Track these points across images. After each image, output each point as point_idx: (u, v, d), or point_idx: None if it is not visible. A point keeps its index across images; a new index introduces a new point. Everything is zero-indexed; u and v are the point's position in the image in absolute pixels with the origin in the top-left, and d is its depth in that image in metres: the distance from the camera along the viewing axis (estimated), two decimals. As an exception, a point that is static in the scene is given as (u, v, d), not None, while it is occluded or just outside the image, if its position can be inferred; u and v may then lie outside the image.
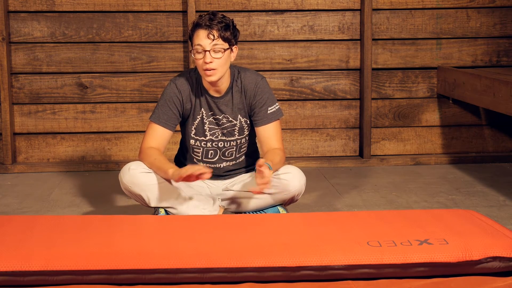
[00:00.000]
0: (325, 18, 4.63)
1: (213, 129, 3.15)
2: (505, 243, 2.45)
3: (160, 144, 3.11)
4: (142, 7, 4.53)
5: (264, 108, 3.12)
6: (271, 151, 3.08)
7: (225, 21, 3.01)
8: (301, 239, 2.50)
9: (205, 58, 2.97)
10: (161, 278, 2.35)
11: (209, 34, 2.97)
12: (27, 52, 4.51)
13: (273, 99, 3.15)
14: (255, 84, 3.12)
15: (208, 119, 3.14)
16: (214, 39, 2.97)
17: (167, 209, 3.08)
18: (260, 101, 3.12)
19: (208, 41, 2.97)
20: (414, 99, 4.74)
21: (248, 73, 3.14)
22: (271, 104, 3.13)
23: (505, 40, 4.73)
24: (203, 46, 2.97)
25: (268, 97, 3.13)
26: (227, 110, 3.13)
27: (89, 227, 2.63)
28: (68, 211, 3.65)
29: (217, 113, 3.13)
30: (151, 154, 3.05)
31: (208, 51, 2.97)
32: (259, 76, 3.14)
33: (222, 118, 3.14)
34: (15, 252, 2.36)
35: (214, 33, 2.97)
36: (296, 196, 3.15)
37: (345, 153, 4.75)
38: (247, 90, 3.12)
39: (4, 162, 4.53)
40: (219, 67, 2.99)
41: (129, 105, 4.60)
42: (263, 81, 3.14)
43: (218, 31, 2.98)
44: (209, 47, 2.97)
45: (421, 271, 2.40)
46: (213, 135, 3.16)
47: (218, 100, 3.12)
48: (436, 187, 4.07)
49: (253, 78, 3.13)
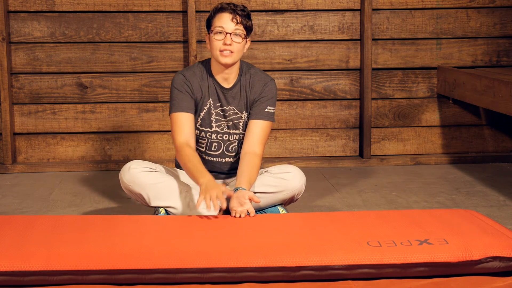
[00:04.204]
0: (325, 18, 4.63)
1: (219, 120, 3.18)
2: (505, 243, 2.45)
3: (190, 132, 3.11)
4: (142, 7, 4.53)
5: (264, 105, 3.15)
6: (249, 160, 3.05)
7: (247, 11, 3.12)
8: (301, 239, 2.50)
9: (226, 39, 3.04)
10: (161, 278, 2.35)
11: (233, 18, 3.06)
12: (27, 52, 4.51)
13: (274, 102, 3.19)
14: (264, 83, 3.17)
15: (215, 110, 3.16)
16: (237, 23, 3.06)
17: (167, 209, 3.08)
18: (263, 98, 3.16)
19: (231, 24, 3.05)
20: (414, 99, 4.74)
21: (258, 71, 3.21)
22: (271, 105, 3.17)
23: (505, 40, 4.73)
24: (225, 28, 3.05)
25: (271, 97, 3.17)
26: (234, 102, 3.16)
27: (89, 227, 2.63)
28: (68, 211, 3.65)
29: (224, 104, 3.16)
30: (186, 155, 3.05)
31: (229, 34, 3.05)
32: (269, 77, 3.21)
33: (229, 109, 3.17)
34: (15, 252, 2.36)
35: (237, 18, 3.06)
36: (296, 196, 3.15)
37: (345, 153, 4.75)
38: (254, 86, 3.16)
39: (4, 162, 4.53)
40: (236, 52, 3.06)
41: (129, 105, 4.60)
42: (272, 82, 3.20)
43: (241, 18, 3.07)
44: (231, 30, 3.05)
45: (421, 271, 2.41)
46: (218, 126, 3.18)
47: (227, 91, 3.15)
48: (436, 187, 4.07)
49: (264, 77, 3.19)
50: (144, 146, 4.63)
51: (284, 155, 4.70)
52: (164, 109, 4.59)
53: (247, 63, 3.22)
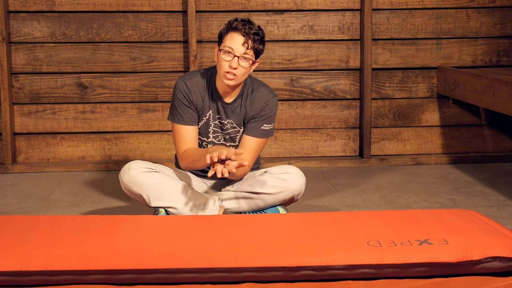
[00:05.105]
0: (325, 18, 4.63)
1: (216, 132, 3.17)
2: (505, 243, 2.45)
3: (194, 143, 3.12)
4: (142, 7, 4.53)
5: (261, 123, 3.13)
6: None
7: (261, 35, 3.02)
8: (301, 239, 2.50)
9: (232, 63, 2.96)
10: (161, 278, 2.35)
11: (245, 43, 2.97)
12: (27, 52, 4.51)
13: (273, 119, 3.17)
14: (265, 101, 3.13)
15: (214, 121, 3.15)
16: (248, 48, 2.98)
17: (167, 209, 3.08)
18: (262, 116, 3.13)
19: (242, 48, 2.97)
20: (414, 99, 4.74)
21: (262, 86, 3.16)
22: (269, 122, 3.15)
23: (505, 40, 4.73)
24: (234, 50, 2.97)
25: (270, 115, 3.15)
26: (234, 116, 3.14)
27: (89, 227, 2.63)
28: (68, 211, 3.65)
29: (223, 118, 3.14)
30: (189, 153, 3.07)
31: (237, 57, 2.97)
32: (271, 94, 3.16)
33: (227, 123, 3.15)
34: (15, 252, 2.36)
35: (249, 43, 2.97)
36: (296, 196, 3.15)
37: (345, 153, 4.75)
38: (255, 103, 3.13)
39: (4, 162, 4.53)
40: (240, 75, 3.01)
41: (129, 105, 4.60)
42: (274, 99, 3.15)
43: (253, 43, 2.98)
44: (239, 53, 2.97)
45: (421, 271, 2.40)
46: (215, 138, 3.18)
47: (227, 106, 3.13)
48: (436, 187, 4.07)
49: (266, 94, 3.14)
50: (144, 146, 4.63)
51: (284, 155, 4.70)
52: (164, 109, 4.59)
53: (252, 77, 3.18)
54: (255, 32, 2.98)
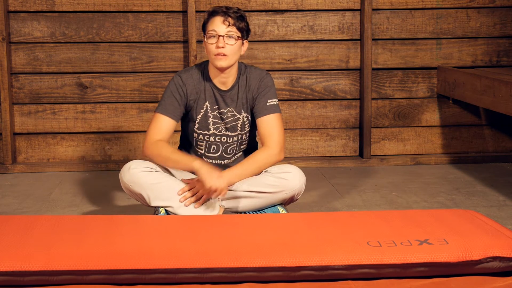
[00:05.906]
0: (325, 18, 4.63)
1: (216, 123, 3.18)
2: (505, 243, 2.45)
3: (166, 135, 3.14)
4: (142, 7, 4.53)
5: (264, 99, 3.16)
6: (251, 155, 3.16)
7: (240, 13, 3.11)
8: (301, 239, 2.50)
9: (218, 42, 3.04)
10: (161, 278, 2.35)
11: (225, 21, 3.05)
12: (27, 52, 4.51)
13: (274, 93, 3.20)
14: (259, 79, 3.18)
15: (212, 112, 3.16)
16: (229, 25, 3.05)
17: (167, 208, 3.08)
18: (262, 93, 3.16)
19: (223, 27, 3.05)
20: (414, 99, 4.74)
21: (254, 69, 3.21)
22: (272, 97, 3.18)
23: (505, 40, 4.73)
24: (217, 31, 3.05)
25: (269, 90, 3.18)
26: (232, 104, 3.17)
27: (89, 227, 2.63)
28: (68, 211, 3.65)
29: (222, 107, 3.16)
30: (162, 146, 3.08)
31: (222, 36, 3.04)
32: (264, 72, 3.22)
33: (227, 112, 3.17)
34: (15, 252, 2.36)
35: (229, 20, 3.06)
36: (296, 196, 3.15)
37: (345, 153, 4.75)
38: (252, 84, 3.17)
39: (4, 162, 4.53)
40: (230, 55, 3.06)
41: (129, 105, 4.60)
42: (268, 76, 3.20)
43: (234, 19, 3.07)
44: (223, 32, 3.05)
45: (421, 271, 2.40)
46: (216, 129, 3.18)
47: (224, 93, 3.15)
48: (436, 187, 4.07)
49: (258, 74, 3.20)
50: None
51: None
52: (164, 109, 4.59)
53: (244, 64, 3.22)
54: (234, 11, 3.08)
